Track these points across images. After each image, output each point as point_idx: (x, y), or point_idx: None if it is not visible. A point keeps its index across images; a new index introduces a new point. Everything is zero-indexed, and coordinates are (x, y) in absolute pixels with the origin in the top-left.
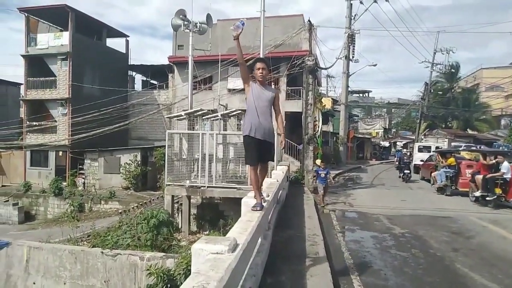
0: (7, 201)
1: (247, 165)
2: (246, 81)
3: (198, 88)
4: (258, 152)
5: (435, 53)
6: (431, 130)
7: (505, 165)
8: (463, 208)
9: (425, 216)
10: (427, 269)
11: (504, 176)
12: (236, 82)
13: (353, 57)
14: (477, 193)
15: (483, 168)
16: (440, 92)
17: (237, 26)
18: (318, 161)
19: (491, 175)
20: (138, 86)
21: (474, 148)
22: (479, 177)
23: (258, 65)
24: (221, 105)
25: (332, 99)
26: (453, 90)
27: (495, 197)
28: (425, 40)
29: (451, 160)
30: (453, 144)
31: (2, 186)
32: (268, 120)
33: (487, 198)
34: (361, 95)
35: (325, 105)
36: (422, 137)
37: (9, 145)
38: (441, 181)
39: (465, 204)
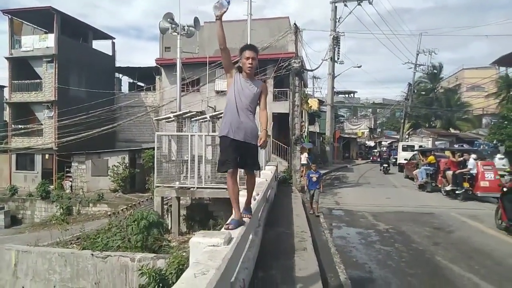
0: None
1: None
2: (228, 70)
3: (186, 90)
4: (237, 156)
5: (417, 54)
6: (415, 130)
7: (471, 161)
8: (444, 204)
9: (408, 212)
10: (409, 262)
11: (471, 172)
12: (223, 84)
13: (338, 58)
14: (448, 188)
15: (452, 164)
16: (423, 92)
17: (221, 4)
18: (313, 166)
19: (459, 171)
20: (125, 88)
21: (445, 148)
22: (449, 173)
23: (248, 53)
24: (210, 107)
25: (318, 100)
26: (436, 90)
27: (463, 190)
28: (408, 41)
29: (431, 158)
30: (436, 143)
31: None
32: (251, 119)
33: (457, 192)
34: (347, 95)
35: (311, 106)
36: (407, 136)
37: None
38: (422, 179)
39: (445, 200)
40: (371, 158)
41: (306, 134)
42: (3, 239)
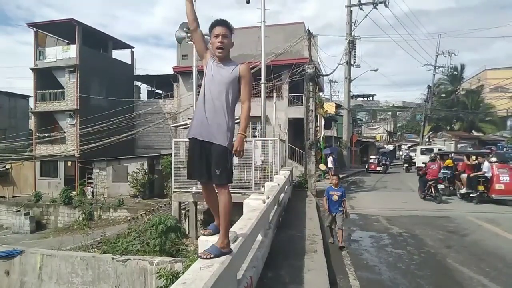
0: (19, 211)
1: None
2: (202, 55)
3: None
4: (204, 162)
5: (437, 56)
6: (436, 133)
7: (486, 164)
8: (460, 208)
9: (424, 216)
10: (419, 264)
11: (486, 175)
12: None
13: (354, 62)
14: (463, 191)
15: (467, 168)
16: (444, 95)
17: None
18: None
19: (474, 174)
20: (143, 95)
21: (463, 151)
22: (464, 176)
23: (217, 30)
24: None
25: (335, 104)
26: (457, 92)
27: (478, 193)
28: (426, 43)
29: (449, 161)
30: (459, 146)
31: (13, 196)
32: (220, 112)
33: (471, 195)
34: (365, 99)
35: (327, 111)
36: (427, 139)
37: (19, 157)
38: None
39: (461, 203)
40: (367, 167)
41: (322, 139)
42: (29, 244)
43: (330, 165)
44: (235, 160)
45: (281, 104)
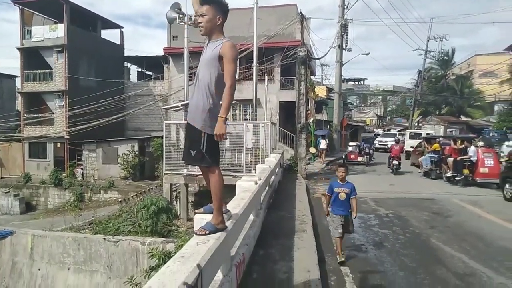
0: (8, 192)
1: None
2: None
3: (193, 79)
4: (186, 143)
5: (428, 40)
6: (425, 117)
7: (471, 148)
8: (446, 190)
9: (410, 198)
10: (404, 243)
11: (471, 159)
12: None
13: (346, 46)
14: (449, 174)
15: (453, 152)
16: (434, 79)
17: None
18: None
19: (460, 158)
20: (133, 77)
21: (450, 136)
22: (450, 160)
23: (197, 8)
24: None
25: (327, 87)
26: (446, 77)
27: (463, 177)
28: (418, 28)
29: (436, 145)
30: (448, 130)
31: (2, 178)
32: (201, 94)
33: (457, 178)
34: (356, 83)
35: (318, 94)
36: (416, 124)
37: (8, 138)
38: (427, 166)
39: (447, 186)
40: (345, 157)
41: (312, 123)
42: (19, 224)
43: (323, 146)
44: (226, 143)
45: (273, 87)
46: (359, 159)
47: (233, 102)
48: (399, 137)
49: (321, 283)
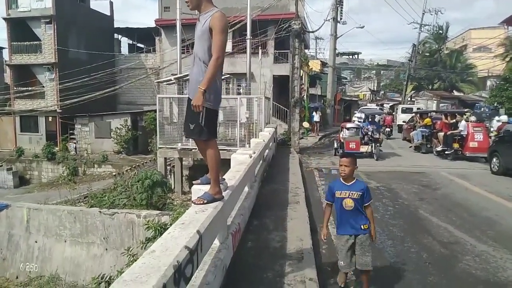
0: (1, 166)
1: None
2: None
3: (186, 52)
4: (185, 117)
5: (423, 14)
6: (418, 92)
7: (462, 123)
8: (436, 164)
9: (400, 172)
10: (393, 214)
11: (461, 133)
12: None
13: (341, 19)
14: (439, 148)
15: (444, 126)
16: (428, 54)
17: None
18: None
19: (450, 132)
20: (124, 49)
21: (441, 110)
22: (441, 134)
23: None
24: None
25: (321, 61)
26: (440, 52)
27: (453, 151)
28: (413, 0)
29: (427, 120)
30: (440, 105)
31: None
32: (197, 68)
33: (446, 152)
34: (350, 57)
35: (311, 68)
36: (409, 98)
37: None
38: (418, 140)
39: (437, 160)
40: (338, 146)
41: (306, 97)
42: (14, 198)
43: (316, 119)
44: (220, 117)
45: (267, 61)
46: (363, 149)
47: (226, 76)
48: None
49: (313, 251)
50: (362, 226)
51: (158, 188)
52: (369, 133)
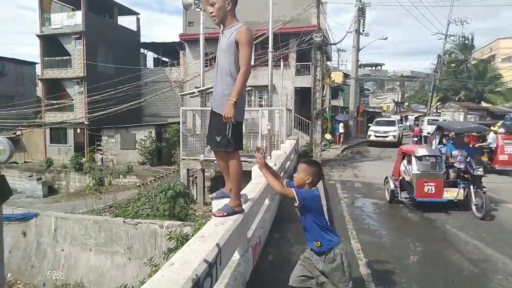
0: (31, 176)
1: None
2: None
3: (209, 65)
4: (210, 128)
5: (448, 24)
6: (444, 103)
7: (491, 135)
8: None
9: None
10: (419, 228)
11: (490, 146)
12: None
13: (363, 30)
14: None
15: (472, 138)
16: (453, 64)
17: None
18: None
19: (479, 144)
20: (149, 63)
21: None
22: None
23: None
24: None
25: (343, 73)
26: (467, 62)
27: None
28: (438, 11)
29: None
30: (468, 117)
31: (25, 162)
32: (222, 81)
33: None
34: (373, 68)
35: (334, 80)
36: (434, 110)
37: (30, 123)
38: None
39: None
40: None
41: (328, 109)
42: (42, 207)
43: (341, 130)
44: (243, 128)
45: (288, 73)
46: (449, 194)
47: (248, 88)
48: (416, 122)
49: None
50: (316, 241)
51: (181, 199)
52: (460, 165)
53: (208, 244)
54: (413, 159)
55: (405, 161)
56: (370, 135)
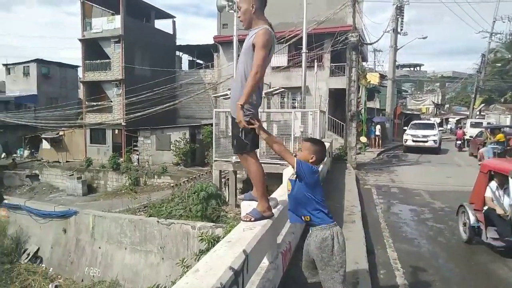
0: (72, 175)
1: None
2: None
3: None
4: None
5: (494, 21)
6: (488, 105)
7: None
8: None
9: (469, 192)
10: (460, 239)
11: None
12: (280, 60)
13: (401, 30)
14: None
15: None
16: (499, 64)
17: None
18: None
19: None
20: (184, 66)
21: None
22: None
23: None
24: (265, 83)
25: (379, 74)
26: None
27: None
28: (482, 8)
29: (500, 136)
30: None
31: (67, 161)
32: (239, 83)
33: None
34: (412, 69)
35: (369, 81)
36: (478, 112)
37: (71, 124)
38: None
39: None
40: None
41: (364, 111)
42: (82, 205)
43: (377, 132)
44: (274, 130)
45: (322, 74)
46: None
47: (281, 90)
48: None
49: (370, 276)
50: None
51: (213, 200)
52: None
53: (235, 250)
54: (511, 182)
55: (493, 184)
56: (406, 140)
